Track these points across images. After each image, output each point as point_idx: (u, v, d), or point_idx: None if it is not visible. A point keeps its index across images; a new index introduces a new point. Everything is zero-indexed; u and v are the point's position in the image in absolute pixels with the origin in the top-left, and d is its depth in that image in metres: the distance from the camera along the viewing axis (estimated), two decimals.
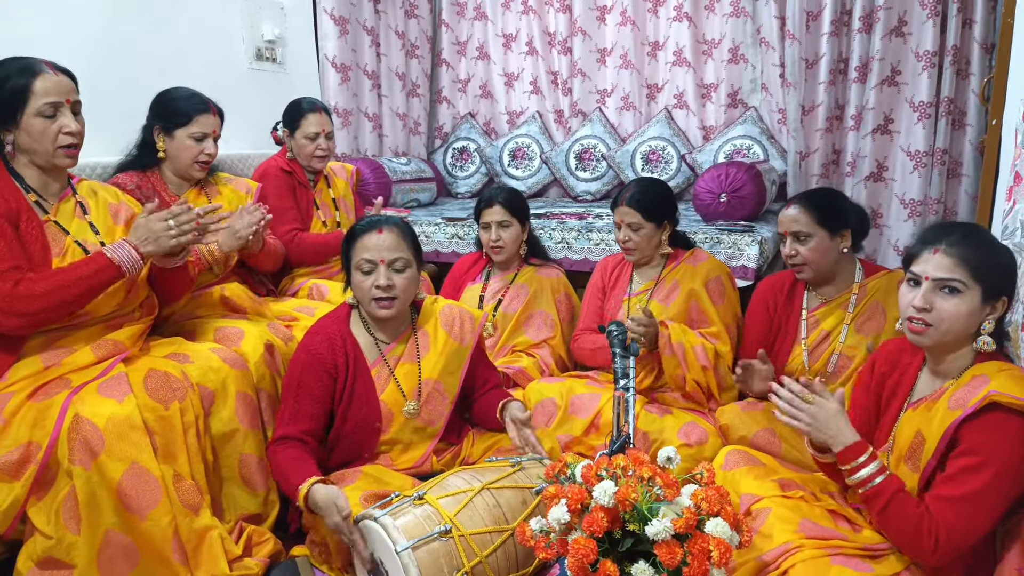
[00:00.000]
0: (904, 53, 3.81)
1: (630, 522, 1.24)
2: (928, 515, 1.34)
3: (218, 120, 2.35)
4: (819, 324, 2.17)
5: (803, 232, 2.08)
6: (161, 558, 1.67)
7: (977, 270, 1.38)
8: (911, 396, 1.54)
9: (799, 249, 2.09)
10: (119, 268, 1.76)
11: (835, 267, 2.14)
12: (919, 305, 1.41)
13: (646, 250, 2.45)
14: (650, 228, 2.41)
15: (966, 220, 3.77)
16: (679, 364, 2.27)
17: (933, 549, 1.32)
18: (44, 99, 1.73)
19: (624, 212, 2.42)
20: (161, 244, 1.80)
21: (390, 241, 1.92)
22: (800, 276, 2.17)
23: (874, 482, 1.39)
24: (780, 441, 2.06)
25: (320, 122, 2.82)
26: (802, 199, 2.15)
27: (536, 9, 4.73)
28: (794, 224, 2.10)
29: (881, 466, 1.40)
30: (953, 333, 1.41)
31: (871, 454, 1.41)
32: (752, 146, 4.17)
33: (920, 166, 3.84)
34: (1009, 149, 1.99)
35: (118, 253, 1.77)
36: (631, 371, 1.73)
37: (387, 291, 1.89)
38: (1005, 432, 1.30)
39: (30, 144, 1.76)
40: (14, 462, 1.63)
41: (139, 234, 1.80)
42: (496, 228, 2.67)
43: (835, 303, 2.17)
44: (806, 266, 2.11)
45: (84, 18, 2.72)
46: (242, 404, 1.96)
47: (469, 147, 4.91)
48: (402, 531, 1.54)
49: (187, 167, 2.30)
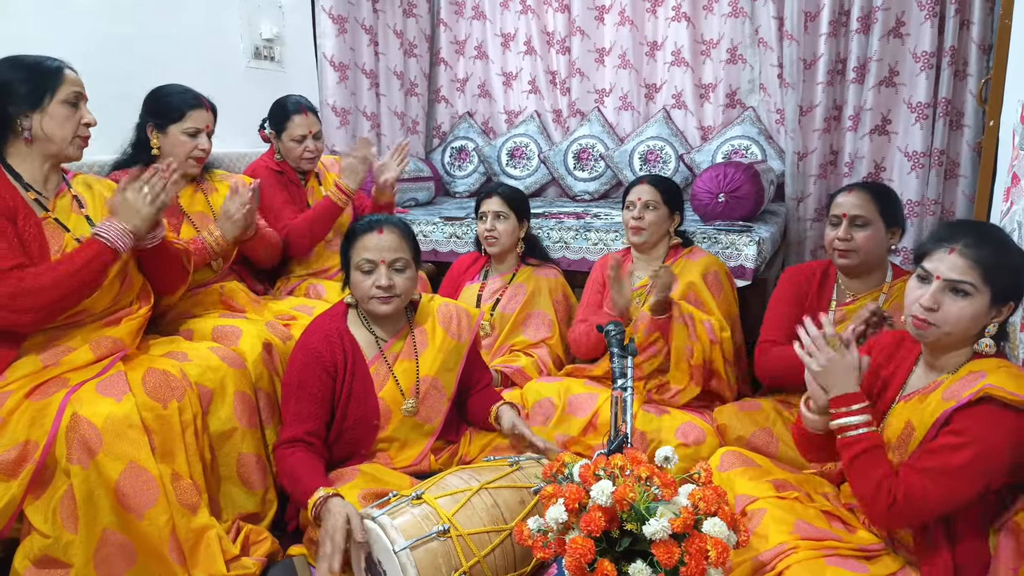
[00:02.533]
0: (902, 54, 3.81)
1: (628, 522, 1.24)
2: (894, 477, 1.35)
3: (211, 115, 2.35)
4: (845, 320, 2.15)
5: (863, 218, 2.03)
6: (158, 557, 1.67)
7: (989, 274, 1.36)
8: (904, 389, 1.54)
9: (855, 234, 2.03)
10: (113, 248, 1.76)
11: (878, 261, 2.11)
12: (926, 304, 1.40)
13: (656, 233, 2.47)
14: (664, 211, 2.46)
15: (958, 219, 3.78)
16: (689, 335, 2.28)
17: (888, 507, 1.34)
18: (72, 88, 1.79)
19: (643, 190, 2.45)
20: (143, 213, 1.80)
21: (391, 241, 1.92)
22: (844, 261, 2.09)
23: (857, 431, 1.40)
24: (777, 441, 2.07)
25: (306, 124, 2.76)
26: (865, 187, 2.11)
27: (535, 8, 4.73)
28: (856, 208, 2.04)
29: (869, 420, 1.41)
30: (956, 334, 1.41)
31: (865, 407, 1.42)
32: (750, 146, 4.17)
33: (918, 167, 3.84)
34: (1007, 150, 1.99)
35: (110, 233, 1.77)
36: (629, 371, 1.73)
37: (387, 291, 1.90)
38: (995, 423, 1.30)
39: (51, 130, 1.77)
40: (11, 461, 1.62)
41: (121, 211, 1.80)
42: (492, 218, 2.67)
43: (863, 301, 2.12)
44: (855, 253, 2.05)
45: (82, 16, 2.71)
46: (240, 403, 1.96)
47: (467, 146, 4.91)
48: (400, 531, 1.54)
49: (181, 163, 2.29)
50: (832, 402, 1.45)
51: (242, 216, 2.27)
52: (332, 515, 1.61)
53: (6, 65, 1.76)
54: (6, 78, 1.74)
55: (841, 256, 2.08)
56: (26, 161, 1.80)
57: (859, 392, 1.43)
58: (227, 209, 2.27)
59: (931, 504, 1.32)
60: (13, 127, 1.76)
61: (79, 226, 1.87)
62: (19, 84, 1.74)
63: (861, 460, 1.39)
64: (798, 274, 2.27)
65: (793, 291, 2.23)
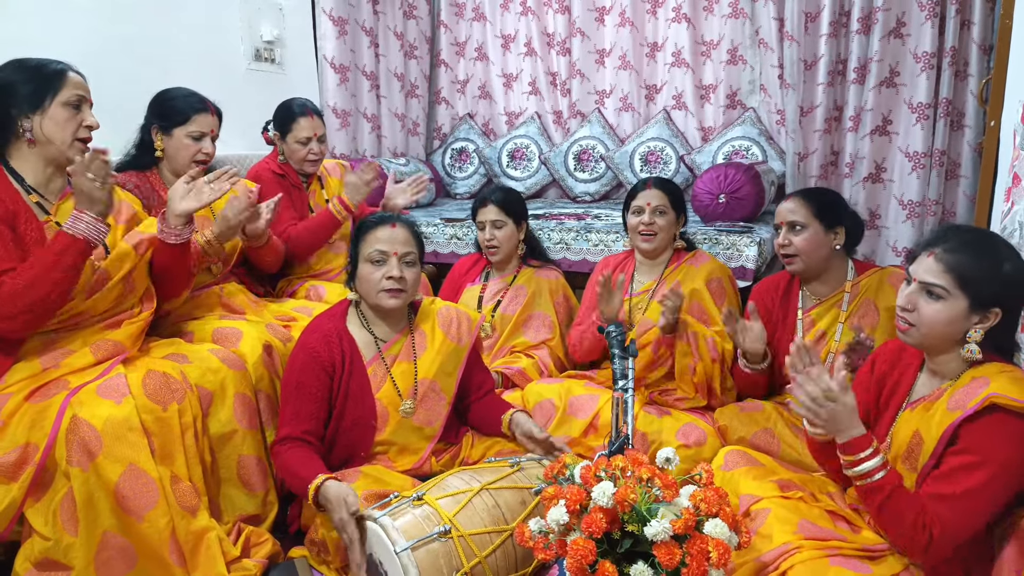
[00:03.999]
0: (903, 54, 3.81)
1: (629, 523, 1.24)
2: (924, 512, 1.34)
3: (216, 120, 2.35)
4: (815, 324, 2.17)
5: (798, 222, 2.09)
6: (159, 560, 1.66)
7: (965, 280, 1.37)
8: (910, 396, 1.54)
9: (792, 239, 2.10)
10: (81, 240, 1.70)
11: (827, 263, 2.14)
12: (902, 304, 1.44)
13: (665, 238, 2.47)
14: (672, 217, 2.46)
15: (965, 221, 3.78)
16: (692, 353, 2.29)
17: (927, 545, 1.32)
18: (74, 91, 1.78)
19: (652, 195, 2.44)
20: (95, 197, 1.71)
21: (403, 236, 1.94)
22: (791, 268, 2.16)
23: (875, 477, 1.38)
24: (778, 441, 2.07)
25: (312, 126, 2.76)
26: (800, 192, 2.19)
27: (535, 10, 4.74)
28: (790, 214, 2.11)
29: (884, 461, 1.39)
30: (933, 337, 1.42)
31: (875, 448, 1.40)
32: (751, 147, 4.17)
33: (919, 167, 3.84)
34: (1007, 150, 1.99)
35: (77, 226, 1.70)
36: (630, 372, 1.73)
37: (399, 283, 1.91)
38: (1004, 433, 1.30)
39: (51, 132, 1.76)
40: (12, 463, 1.62)
41: (80, 200, 1.72)
42: (490, 228, 2.67)
43: (829, 302, 2.17)
44: (797, 257, 2.11)
45: (82, 17, 2.72)
46: (240, 405, 1.96)
47: (468, 148, 4.91)
48: (401, 531, 1.54)
49: (185, 166, 2.29)
50: (841, 449, 1.42)
51: (239, 223, 2.26)
52: (333, 505, 1.63)
53: (10, 67, 1.76)
54: (9, 80, 1.74)
55: (787, 262, 2.16)
56: (29, 163, 1.80)
57: (866, 433, 1.41)
58: (224, 211, 2.27)
59: (965, 531, 1.32)
60: (15, 129, 1.76)
61: None
62: (21, 85, 1.74)
63: (888, 505, 1.37)
64: (762, 288, 2.33)
65: (759, 308, 2.23)
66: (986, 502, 1.31)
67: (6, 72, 1.75)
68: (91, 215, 1.72)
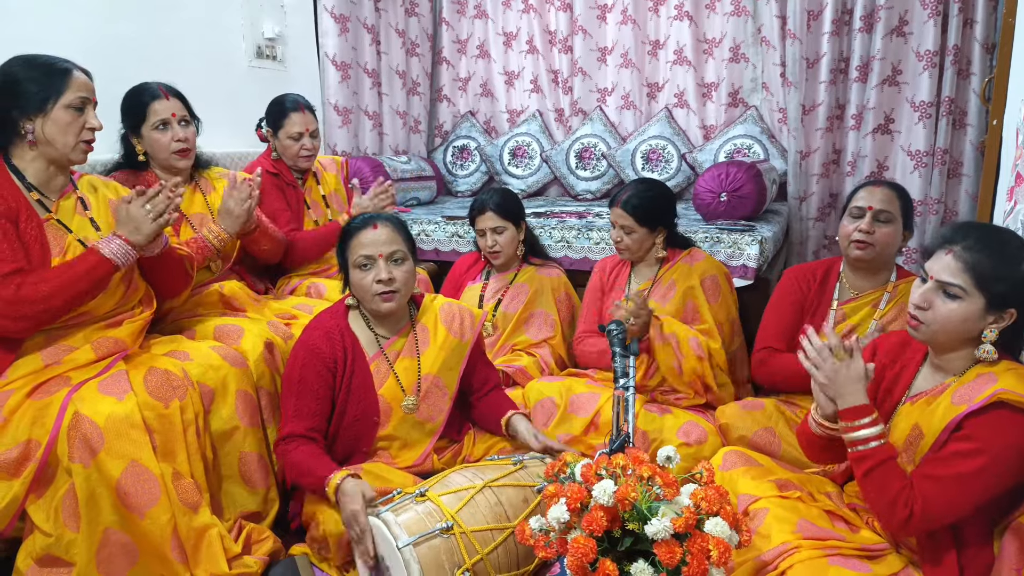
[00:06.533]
0: (905, 53, 3.81)
1: (629, 521, 1.24)
2: (909, 488, 1.34)
3: (176, 102, 2.28)
4: (847, 318, 2.15)
5: (889, 214, 2.04)
6: (160, 556, 1.67)
7: (983, 279, 1.35)
8: (910, 390, 1.53)
9: (878, 229, 2.04)
10: (112, 262, 1.77)
11: (889, 261, 2.13)
12: (916, 302, 1.42)
13: (638, 252, 2.47)
14: (643, 232, 2.43)
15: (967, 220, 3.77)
16: (673, 353, 2.28)
17: (905, 520, 1.33)
18: (77, 93, 1.77)
19: (618, 214, 2.44)
20: (144, 230, 1.80)
21: (386, 235, 1.92)
22: (860, 254, 2.07)
23: (869, 445, 1.39)
24: (779, 441, 2.06)
25: (304, 121, 2.75)
26: (890, 184, 2.11)
27: (537, 7, 4.73)
28: (884, 203, 2.04)
29: (881, 432, 1.39)
30: (945, 335, 1.41)
31: (876, 418, 1.40)
32: (752, 145, 4.17)
33: (921, 166, 3.84)
34: (1010, 149, 1.98)
35: (110, 247, 1.77)
36: (631, 370, 1.73)
37: (388, 284, 1.90)
38: (1009, 428, 1.30)
39: (53, 135, 1.76)
40: (13, 460, 1.63)
41: (124, 224, 1.80)
42: (491, 234, 2.67)
43: (866, 299, 2.14)
44: (873, 247, 2.05)
45: (82, 15, 2.71)
46: (242, 402, 1.96)
47: (469, 145, 4.91)
48: (404, 527, 1.54)
49: (167, 159, 2.27)
50: (841, 415, 1.43)
51: (244, 211, 2.26)
52: (349, 497, 1.64)
53: (18, 64, 1.75)
54: (15, 78, 1.73)
55: (858, 248, 2.07)
56: (30, 162, 1.80)
57: (868, 404, 1.41)
58: (226, 204, 2.26)
59: (946, 513, 1.32)
60: (17, 129, 1.76)
61: (82, 228, 1.87)
62: (26, 85, 1.73)
63: (875, 474, 1.37)
64: (799, 274, 2.27)
65: (793, 292, 2.23)
66: (974, 490, 1.31)
67: (13, 69, 1.75)
68: (122, 241, 1.78)
